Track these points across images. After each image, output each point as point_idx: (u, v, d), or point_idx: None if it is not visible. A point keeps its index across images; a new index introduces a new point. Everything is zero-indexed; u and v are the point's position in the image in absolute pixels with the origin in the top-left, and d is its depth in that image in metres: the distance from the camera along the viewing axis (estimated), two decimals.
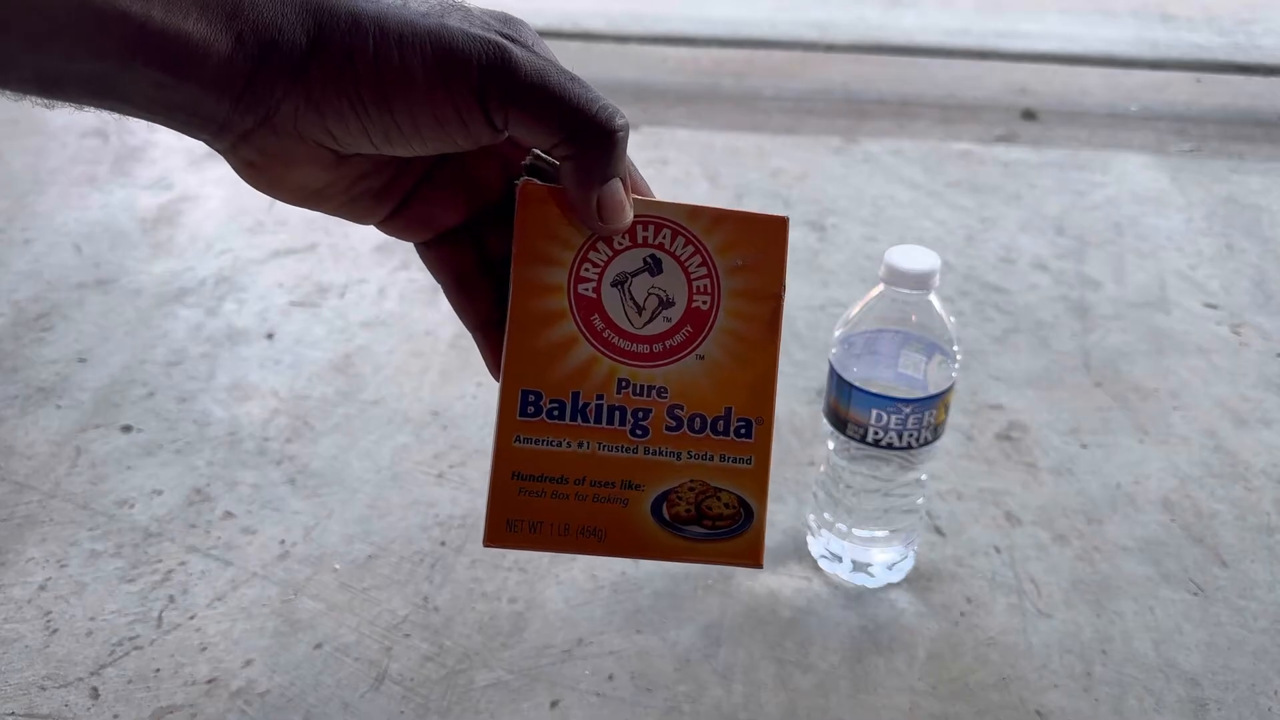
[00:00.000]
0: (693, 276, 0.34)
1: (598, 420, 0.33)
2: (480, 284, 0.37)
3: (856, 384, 0.58)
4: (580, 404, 0.33)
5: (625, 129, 0.32)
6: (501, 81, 0.30)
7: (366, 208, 0.35)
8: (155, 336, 0.88)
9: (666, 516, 0.34)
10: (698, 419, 0.34)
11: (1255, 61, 1.67)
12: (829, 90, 1.57)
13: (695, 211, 0.35)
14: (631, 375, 0.34)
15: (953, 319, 0.59)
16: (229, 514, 0.69)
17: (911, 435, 0.58)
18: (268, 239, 1.04)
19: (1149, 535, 0.69)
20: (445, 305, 0.37)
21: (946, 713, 0.57)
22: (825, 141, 1.35)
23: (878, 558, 0.64)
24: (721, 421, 0.34)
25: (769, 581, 0.65)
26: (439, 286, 0.38)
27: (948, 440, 0.77)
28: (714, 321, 0.34)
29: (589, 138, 0.31)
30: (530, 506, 0.33)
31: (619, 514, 0.33)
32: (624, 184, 0.33)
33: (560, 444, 0.33)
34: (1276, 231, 1.13)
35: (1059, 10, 1.95)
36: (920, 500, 0.64)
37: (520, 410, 0.33)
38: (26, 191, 1.14)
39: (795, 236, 1.09)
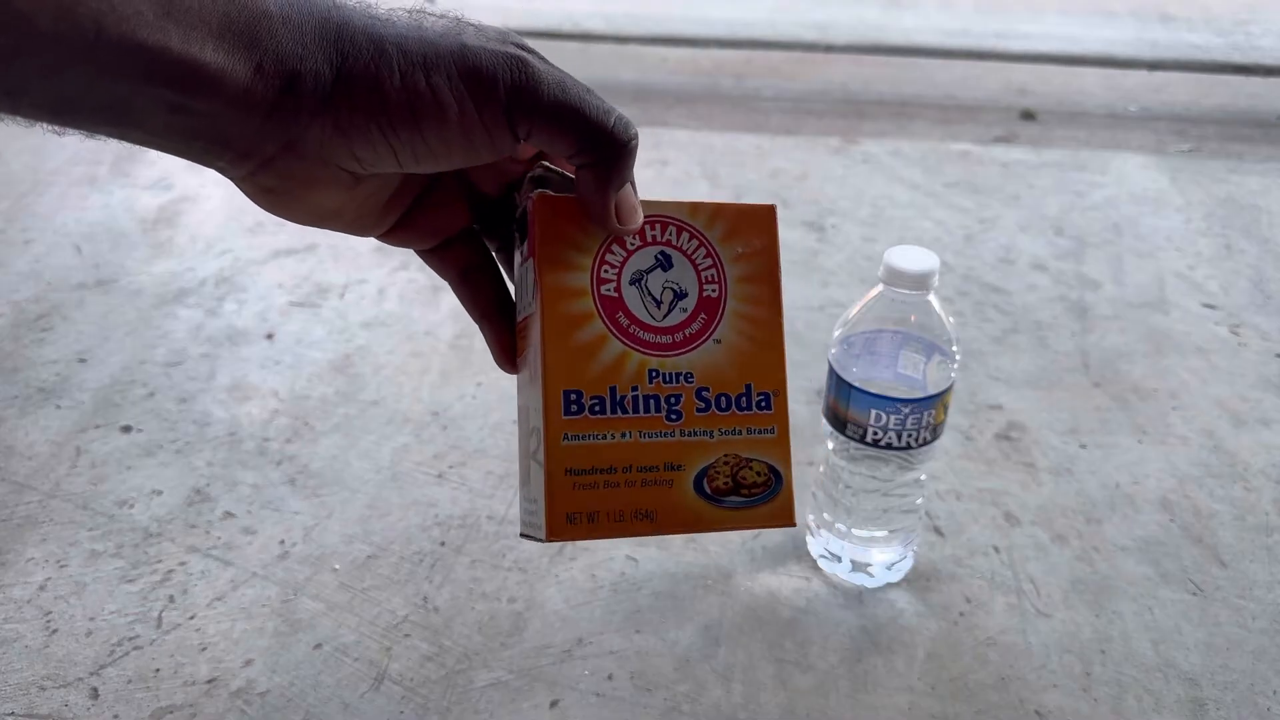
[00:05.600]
0: (700, 268, 0.37)
1: (635, 410, 0.36)
2: (481, 277, 0.40)
3: (856, 384, 0.58)
4: (618, 397, 0.35)
5: (637, 139, 0.33)
6: (527, 96, 0.31)
7: (374, 222, 0.36)
8: (155, 337, 0.88)
9: (708, 490, 0.36)
10: (723, 398, 0.37)
11: (1254, 62, 1.67)
12: (828, 91, 1.58)
13: (695, 208, 0.37)
14: (660, 365, 0.36)
15: (952, 319, 0.59)
16: (229, 514, 0.69)
17: (911, 435, 0.58)
18: (268, 239, 1.05)
19: (1148, 535, 0.70)
20: (445, 305, 0.37)
21: (946, 713, 0.57)
22: (824, 142, 1.35)
23: (877, 558, 0.64)
24: (744, 398, 0.37)
25: (768, 581, 0.65)
26: (439, 287, 0.39)
27: (947, 440, 0.77)
28: (724, 307, 0.37)
29: (606, 148, 0.33)
30: (585, 499, 0.35)
31: (666, 495, 0.36)
32: (634, 187, 0.35)
33: (605, 437, 0.35)
34: (1275, 231, 1.13)
35: (1058, 11, 1.95)
36: (919, 500, 0.64)
37: (564, 410, 0.35)
38: (26, 192, 1.14)
39: (795, 237, 1.09)
